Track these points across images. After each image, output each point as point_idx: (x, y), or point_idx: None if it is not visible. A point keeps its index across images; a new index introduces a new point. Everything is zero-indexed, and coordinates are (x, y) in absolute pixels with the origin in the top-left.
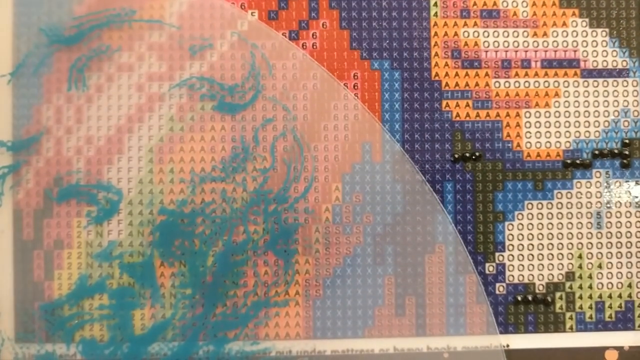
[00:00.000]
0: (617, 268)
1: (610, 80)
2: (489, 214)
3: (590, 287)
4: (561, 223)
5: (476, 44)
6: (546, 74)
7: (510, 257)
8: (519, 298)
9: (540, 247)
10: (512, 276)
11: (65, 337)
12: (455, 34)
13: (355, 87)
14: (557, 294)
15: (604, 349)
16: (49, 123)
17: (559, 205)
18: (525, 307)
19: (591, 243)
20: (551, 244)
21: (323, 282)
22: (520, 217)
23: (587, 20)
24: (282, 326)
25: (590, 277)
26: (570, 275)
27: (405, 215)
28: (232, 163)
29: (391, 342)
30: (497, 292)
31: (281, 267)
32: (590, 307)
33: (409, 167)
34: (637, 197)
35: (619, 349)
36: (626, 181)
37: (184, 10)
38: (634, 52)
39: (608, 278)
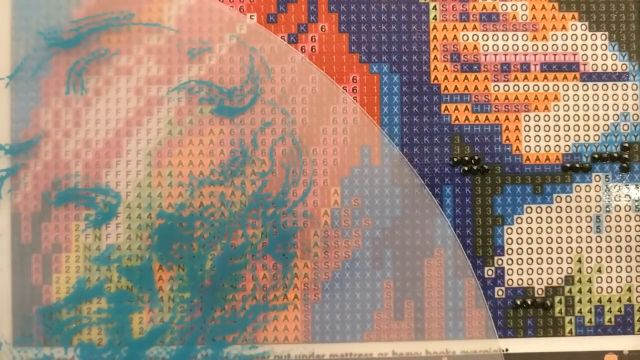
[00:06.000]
0: (617, 272)
1: (609, 83)
2: (488, 218)
3: (590, 291)
4: (560, 227)
5: (475, 47)
6: (545, 78)
7: (510, 261)
8: (518, 302)
9: (540, 251)
10: (512, 280)
11: (64, 341)
12: (455, 37)
13: (354, 91)
14: (557, 298)
15: (603, 353)
16: (47, 126)
17: (559, 209)
18: (524, 311)
19: (590, 247)
20: (550, 247)
21: (322, 286)
22: (519, 220)
23: (586, 23)
24: (281, 330)
25: (589, 281)
26: (569, 279)
27: (404, 219)
28: (230, 166)
29: (390, 346)
30: (496, 296)
31: (280, 270)
32: (590, 311)
33: (408, 171)
34: (636, 200)
35: (619, 353)
36: (626, 185)
37: (182, 14)
38: (634, 55)
39: (607, 282)
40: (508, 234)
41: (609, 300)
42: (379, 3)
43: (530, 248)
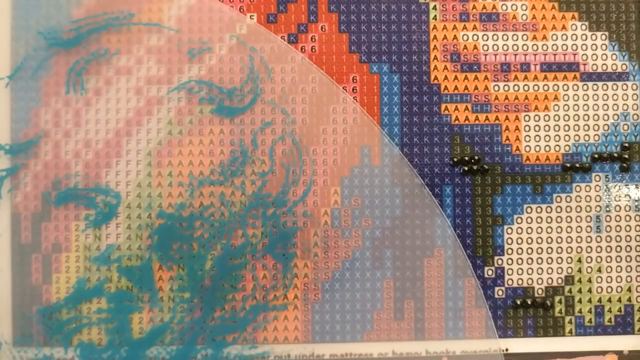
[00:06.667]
0: (617, 272)
1: (609, 83)
2: (488, 218)
3: (590, 291)
4: (560, 227)
5: (475, 47)
6: (545, 78)
7: (510, 261)
8: (518, 302)
9: (540, 250)
10: (512, 280)
11: (63, 341)
12: (455, 37)
13: (354, 91)
14: (557, 298)
15: (603, 353)
16: (47, 126)
17: (559, 209)
18: (524, 311)
19: (591, 247)
20: (550, 247)
21: (322, 286)
22: (519, 220)
23: (586, 23)
24: (281, 330)
25: (589, 281)
26: (569, 279)
27: (404, 219)
28: (230, 166)
29: (390, 346)
30: (496, 295)
31: (280, 270)
32: (590, 311)
33: (408, 171)
34: (636, 200)
35: (619, 353)
36: (626, 185)
37: (182, 14)
38: (634, 55)
39: (607, 282)
40: (508, 233)
41: (609, 300)
42: (379, 3)
43: (530, 248)
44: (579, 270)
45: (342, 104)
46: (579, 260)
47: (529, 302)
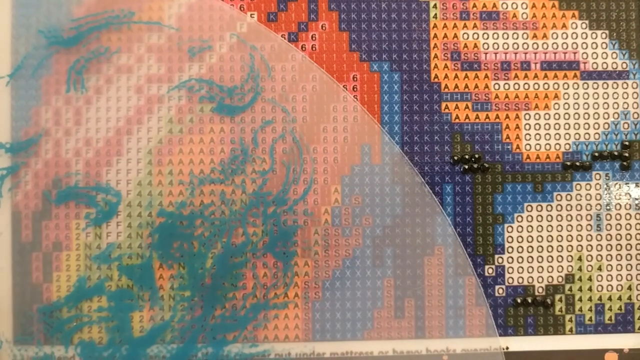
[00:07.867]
0: (617, 270)
1: (610, 82)
2: (488, 216)
3: (590, 289)
4: (561, 225)
5: (476, 45)
6: (546, 76)
7: (510, 259)
8: (519, 300)
9: (540, 249)
10: (512, 278)
11: (64, 340)
12: (455, 35)
13: (355, 89)
14: (557, 296)
15: (603, 351)
16: (47, 125)
17: (559, 208)
18: (524, 309)
19: (591, 245)
20: (551, 246)
21: (322, 285)
22: (519, 219)
23: (587, 22)
24: (281, 328)
25: (590, 279)
26: (570, 278)
27: (405, 217)
28: (231, 165)
29: (390, 344)
30: (496, 294)
31: (280, 269)
32: (590, 310)
33: (409, 169)
34: (637, 199)
35: (619, 351)
36: (626, 183)
37: (183, 12)
38: (634, 54)
39: (608, 280)
40: (508, 232)
41: (609, 299)
42: (379, 1)
43: (531, 246)
44: (579, 269)
45: (342, 103)
46: (579, 259)
47: (529, 301)
